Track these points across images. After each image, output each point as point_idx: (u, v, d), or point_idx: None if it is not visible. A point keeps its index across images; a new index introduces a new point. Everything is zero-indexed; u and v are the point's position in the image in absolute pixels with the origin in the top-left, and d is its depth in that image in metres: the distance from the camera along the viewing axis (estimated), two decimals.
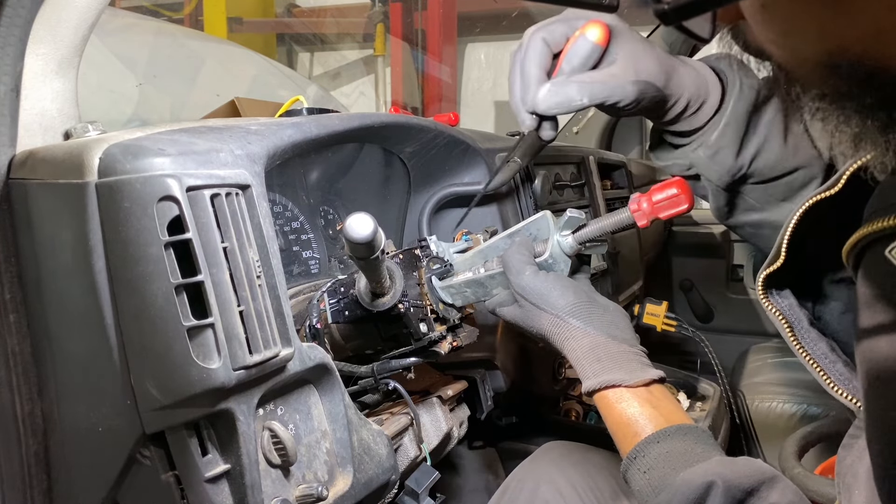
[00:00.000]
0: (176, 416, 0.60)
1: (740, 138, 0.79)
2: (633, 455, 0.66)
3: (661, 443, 0.66)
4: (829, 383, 0.68)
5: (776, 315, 0.74)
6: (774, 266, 0.73)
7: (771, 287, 0.75)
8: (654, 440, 0.66)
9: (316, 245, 1.09)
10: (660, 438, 0.66)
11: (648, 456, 0.65)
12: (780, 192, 0.83)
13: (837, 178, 0.65)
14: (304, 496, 0.68)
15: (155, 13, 3.76)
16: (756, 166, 0.80)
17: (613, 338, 0.72)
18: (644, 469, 0.65)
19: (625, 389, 0.70)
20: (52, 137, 0.71)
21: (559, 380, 1.37)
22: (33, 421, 0.66)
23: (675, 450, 0.65)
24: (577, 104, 0.73)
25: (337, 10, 4.29)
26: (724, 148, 0.80)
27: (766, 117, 0.81)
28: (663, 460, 0.64)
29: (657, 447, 0.66)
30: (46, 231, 0.63)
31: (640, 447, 0.66)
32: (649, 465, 0.65)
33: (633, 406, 0.69)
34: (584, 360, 0.72)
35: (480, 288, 0.81)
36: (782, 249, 0.72)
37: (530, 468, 0.96)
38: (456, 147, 1.08)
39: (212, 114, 1.22)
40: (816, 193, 0.68)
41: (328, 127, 0.83)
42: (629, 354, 0.72)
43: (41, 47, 0.70)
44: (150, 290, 0.57)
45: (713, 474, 0.59)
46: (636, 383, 0.70)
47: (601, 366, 0.71)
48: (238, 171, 0.64)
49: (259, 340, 0.61)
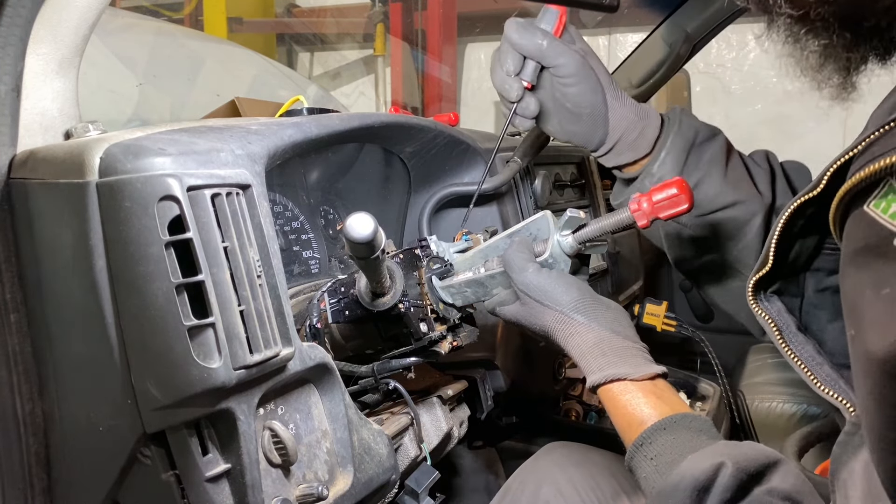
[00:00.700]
0: (176, 416, 0.60)
1: (680, 169, 0.89)
2: (640, 442, 0.66)
3: (667, 430, 0.66)
4: (818, 384, 0.69)
5: (766, 319, 0.75)
6: (762, 272, 0.74)
7: (759, 292, 0.76)
8: (660, 427, 0.66)
9: (316, 245, 1.09)
10: (666, 426, 0.66)
11: (656, 443, 0.65)
12: (727, 230, 0.90)
13: (819, 178, 0.66)
14: (305, 496, 0.68)
15: (155, 13, 3.76)
16: (696, 197, 0.83)
17: (617, 333, 0.73)
18: (651, 455, 0.65)
19: (630, 382, 0.70)
20: (52, 137, 0.71)
21: (559, 380, 1.37)
22: (34, 421, 0.66)
23: (682, 437, 0.65)
24: (539, 44, 0.87)
25: (337, 10, 4.29)
26: (665, 176, 0.89)
27: (706, 156, 0.91)
28: (670, 447, 0.64)
29: (664, 434, 0.66)
30: (47, 231, 0.63)
31: (646, 434, 0.66)
32: (656, 451, 0.65)
33: (638, 397, 0.69)
34: (588, 356, 0.72)
35: (480, 288, 0.81)
36: (770, 255, 0.73)
37: (532, 469, 0.96)
38: (456, 147, 1.08)
39: (212, 114, 1.22)
40: (800, 195, 0.68)
41: (328, 127, 0.83)
42: (633, 350, 0.72)
43: (42, 47, 0.70)
44: (150, 290, 0.57)
45: (722, 455, 0.59)
46: (641, 377, 0.70)
47: (606, 360, 0.71)
48: (238, 171, 0.65)
49: (259, 340, 0.61)
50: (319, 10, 4.37)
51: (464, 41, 4.04)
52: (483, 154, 1.11)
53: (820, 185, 0.66)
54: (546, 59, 0.88)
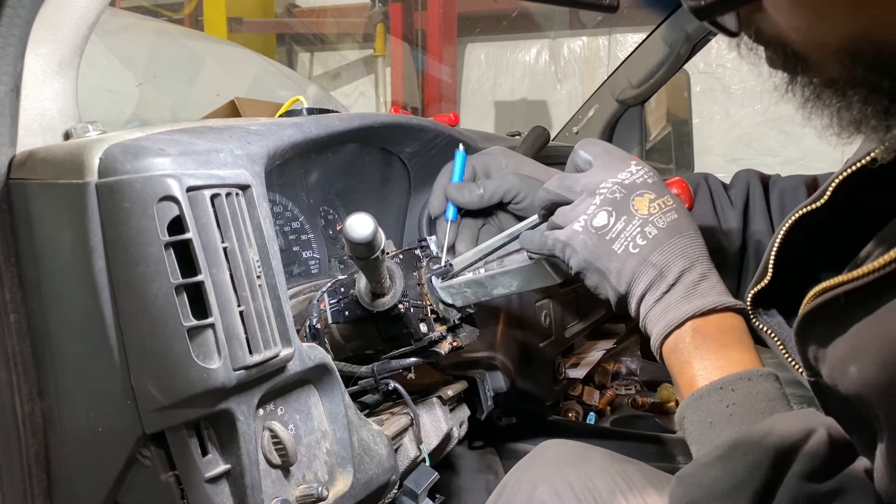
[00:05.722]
0: (176, 417, 0.60)
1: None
2: (720, 385, 0.61)
3: (752, 381, 0.61)
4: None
5: (768, 333, 0.72)
6: (762, 284, 0.71)
7: (759, 306, 0.73)
8: (746, 377, 0.61)
9: (316, 245, 1.09)
10: (752, 376, 0.61)
11: (738, 391, 0.60)
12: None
13: (822, 190, 0.64)
14: (304, 496, 0.68)
15: (155, 13, 3.77)
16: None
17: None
18: (727, 403, 0.60)
19: (736, 315, 0.65)
20: (52, 137, 0.71)
21: (559, 380, 1.37)
22: (33, 421, 0.66)
23: (765, 392, 0.60)
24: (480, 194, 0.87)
25: (337, 10, 4.30)
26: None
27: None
28: (750, 400, 0.60)
29: (748, 385, 0.61)
30: (46, 231, 0.63)
31: (730, 380, 0.61)
32: (734, 399, 0.60)
33: (744, 336, 0.65)
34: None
35: (480, 288, 0.81)
36: (769, 267, 0.70)
37: (527, 467, 0.96)
38: (456, 147, 1.08)
39: (212, 114, 1.22)
40: (802, 207, 0.67)
41: (328, 127, 0.83)
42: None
43: (41, 47, 0.70)
44: (150, 291, 0.57)
45: (814, 422, 0.54)
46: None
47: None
48: (238, 172, 0.65)
49: (259, 340, 0.61)
50: (319, 10, 4.37)
51: (464, 41, 4.04)
52: None
53: (823, 198, 0.64)
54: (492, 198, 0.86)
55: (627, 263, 0.65)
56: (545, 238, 0.71)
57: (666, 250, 0.65)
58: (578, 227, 0.68)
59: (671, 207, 0.67)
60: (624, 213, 0.66)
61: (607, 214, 0.67)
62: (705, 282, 0.65)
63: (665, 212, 0.66)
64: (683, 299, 0.64)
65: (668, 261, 0.64)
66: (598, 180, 0.69)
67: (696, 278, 0.64)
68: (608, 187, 0.68)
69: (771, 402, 0.60)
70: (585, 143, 0.74)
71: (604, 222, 0.67)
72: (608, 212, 0.67)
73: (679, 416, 0.64)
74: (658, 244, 0.65)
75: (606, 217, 0.67)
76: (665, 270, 0.64)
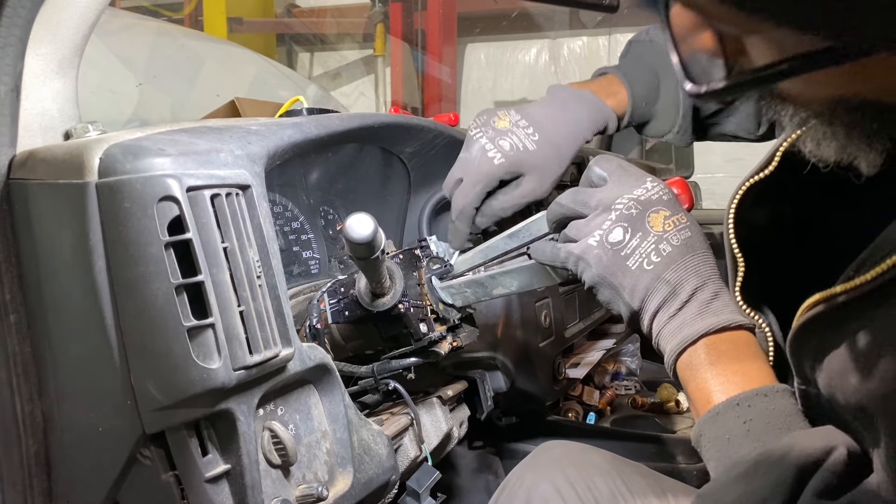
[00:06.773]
0: (176, 416, 0.60)
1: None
2: (736, 401, 0.61)
3: (769, 397, 0.61)
4: None
5: (764, 328, 0.72)
6: (740, 277, 0.71)
7: (751, 300, 0.72)
8: (762, 393, 0.61)
9: (316, 245, 1.09)
10: (768, 392, 0.61)
11: (755, 407, 0.60)
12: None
13: (769, 157, 0.63)
14: (305, 496, 0.68)
15: (155, 13, 3.77)
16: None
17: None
18: (744, 419, 0.60)
19: (749, 333, 0.65)
20: (52, 137, 0.71)
21: (559, 380, 1.37)
22: (33, 421, 0.66)
23: (782, 408, 0.60)
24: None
25: (337, 10, 4.30)
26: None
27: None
28: (767, 416, 0.60)
29: (765, 401, 0.61)
30: (47, 231, 0.63)
31: (746, 396, 0.61)
32: (752, 416, 0.60)
33: (759, 352, 0.64)
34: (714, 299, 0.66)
35: (480, 288, 0.81)
36: (736, 254, 0.69)
37: (529, 467, 0.96)
38: (456, 147, 1.08)
39: (212, 114, 1.22)
40: (749, 176, 0.65)
41: (328, 127, 0.83)
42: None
43: (41, 47, 0.70)
44: (150, 291, 0.57)
45: (835, 440, 0.54)
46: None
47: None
48: (238, 172, 0.65)
49: (259, 340, 0.61)
50: (319, 11, 4.37)
51: (464, 41, 4.04)
52: None
53: (770, 165, 0.63)
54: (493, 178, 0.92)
55: (641, 280, 0.65)
56: (558, 251, 0.71)
57: (679, 268, 0.65)
58: (593, 242, 0.67)
59: (685, 225, 0.67)
60: (639, 230, 0.66)
61: (623, 230, 0.66)
62: (718, 300, 0.65)
63: (679, 229, 0.66)
64: (697, 317, 0.64)
65: (682, 278, 0.64)
66: (613, 196, 0.68)
67: (708, 296, 0.64)
68: (624, 203, 0.67)
69: (788, 417, 0.60)
70: (600, 159, 0.74)
71: (619, 238, 0.66)
72: (624, 228, 0.66)
73: (696, 434, 0.64)
74: (672, 261, 0.65)
75: (622, 233, 0.66)
76: (678, 288, 0.64)
